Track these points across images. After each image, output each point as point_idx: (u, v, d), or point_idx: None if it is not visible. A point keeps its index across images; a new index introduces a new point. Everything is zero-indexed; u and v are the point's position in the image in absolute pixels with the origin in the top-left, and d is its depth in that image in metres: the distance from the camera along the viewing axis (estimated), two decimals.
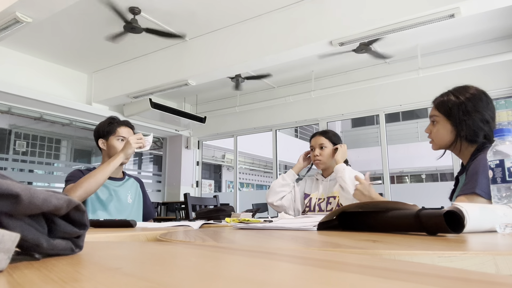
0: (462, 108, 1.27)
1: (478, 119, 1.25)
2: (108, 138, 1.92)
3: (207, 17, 3.82)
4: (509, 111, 4.73)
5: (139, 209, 2.01)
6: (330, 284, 0.26)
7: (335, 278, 0.28)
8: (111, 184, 1.91)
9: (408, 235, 0.72)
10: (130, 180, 2.03)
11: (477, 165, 1.17)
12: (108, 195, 1.87)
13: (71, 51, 4.50)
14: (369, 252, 0.48)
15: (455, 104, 1.29)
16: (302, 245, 0.62)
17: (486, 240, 0.65)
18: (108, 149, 1.92)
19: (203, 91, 5.82)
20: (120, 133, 1.93)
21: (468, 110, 1.26)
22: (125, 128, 1.95)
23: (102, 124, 1.96)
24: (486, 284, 0.25)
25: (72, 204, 0.39)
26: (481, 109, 1.26)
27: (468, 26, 3.85)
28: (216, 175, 12.71)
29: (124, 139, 1.92)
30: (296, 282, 0.27)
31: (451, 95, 1.33)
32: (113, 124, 1.94)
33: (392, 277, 0.28)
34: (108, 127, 1.93)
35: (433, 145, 1.37)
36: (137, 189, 2.04)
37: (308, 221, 1.08)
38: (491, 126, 1.26)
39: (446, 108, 1.31)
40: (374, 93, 4.82)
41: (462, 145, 1.29)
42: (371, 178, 1.62)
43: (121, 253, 0.48)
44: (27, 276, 0.29)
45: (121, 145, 1.88)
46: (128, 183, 2.01)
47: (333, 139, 2.08)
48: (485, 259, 0.44)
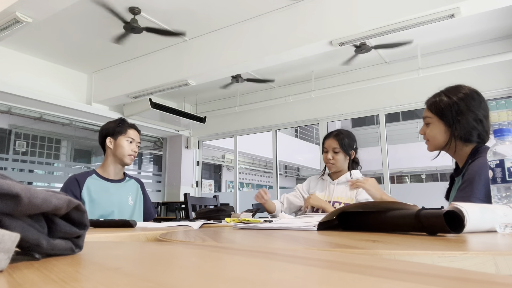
0: (454, 108, 1.27)
1: (471, 118, 1.25)
2: (118, 137, 1.94)
3: (207, 17, 3.82)
4: (509, 111, 4.73)
5: (140, 211, 2.02)
6: (330, 284, 0.26)
7: (335, 278, 0.28)
8: (112, 186, 1.91)
9: (408, 235, 0.72)
10: (130, 182, 2.04)
11: (474, 171, 1.16)
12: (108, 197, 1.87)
13: (71, 51, 4.50)
14: (370, 252, 0.48)
15: (448, 104, 1.28)
16: (303, 245, 0.62)
17: (486, 240, 0.65)
18: (115, 148, 1.94)
19: (203, 91, 5.82)
20: (130, 134, 1.97)
21: (461, 110, 1.26)
22: (134, 131, 2.00)
23: (112, 123, 1.99)
24: (486, 284, 0.25)
25: (72, 204, 0.39)
26: (474, 108, 1.26)
27: (468, 26, 3.84)
28: (216, 175, 12.70)
29: (132, 141, 1.96)
30: (296, 282, 0.27)
31: (443, 95, 1.32)
32: (124, 125, 1.98)
33: (392, 277, 0.28)
34: (119, 127, 1.96)
35: (429, 146, 1.37)
36: (138, 191, 2.04)
37: (308, 221, 1.08)
38: (484, 125, 1.26)
39: (438, 109, 1.30)
40: (374, 93, 4.82)
41: (457, 145, 1.28)
42: None
43: (121, 253, 0.48)
44: (27, 276, 0.29)
45: (129, 147, 1.94)
46: (128, 185, 2.01)
47: (346, 142, 1.99)
48: (485, 259, 0.44)
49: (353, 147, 2.03)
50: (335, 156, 1.98)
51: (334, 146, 1.98)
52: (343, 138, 1.99)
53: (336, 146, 1.98)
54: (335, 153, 1.98)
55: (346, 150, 1.98)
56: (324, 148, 2.04)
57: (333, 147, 1.98)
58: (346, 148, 1.98)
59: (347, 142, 2.00)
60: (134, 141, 1.99)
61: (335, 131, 2.07)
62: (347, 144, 2.00)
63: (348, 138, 2.01)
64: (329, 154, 1.99)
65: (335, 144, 1.98)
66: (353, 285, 0.25)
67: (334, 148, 1.98)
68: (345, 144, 1.99)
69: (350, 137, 2.04)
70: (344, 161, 2.01)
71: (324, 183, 2.07)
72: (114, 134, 1.95)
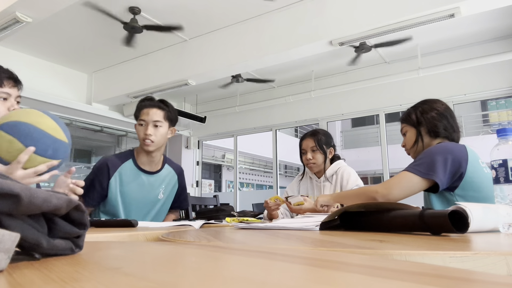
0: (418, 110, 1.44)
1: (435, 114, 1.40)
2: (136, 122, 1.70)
3: (207, 17, 3.82)
4: (509, 111, 4.72)
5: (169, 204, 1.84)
6: (331, 284, 0.25)
7: (340, 279, 0.28)
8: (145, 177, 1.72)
9: (412, 235, 0.72)
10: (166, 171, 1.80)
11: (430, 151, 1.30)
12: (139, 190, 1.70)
13: (71, 51, 4.50)
14: (379, 253, 0.48)
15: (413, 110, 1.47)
16: (309, 245, 0.61)
17: (491, 240, 0.64)
18: None
19: (203, 91, 5.82)
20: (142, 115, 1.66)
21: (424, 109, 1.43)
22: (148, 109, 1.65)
23: None
24: (487, 284, 0.25)
25: (72, 204, 0.39)
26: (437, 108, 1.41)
27: (468, 26, 3.84)
28: (216, 175, 12.72)
29: (144, 123, 1.65)
30: (296, 282, 0.27)
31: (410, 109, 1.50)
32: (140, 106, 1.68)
33: (392, 277, 0.28)
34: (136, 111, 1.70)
35: (411, 154, 1.48)
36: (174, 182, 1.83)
37: (310, 221, 1.07)
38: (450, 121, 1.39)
39: (407, 117, 1.48)
40: (374, 93, 4.82)
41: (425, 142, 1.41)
42: None
43: (121, 253, 0.48)
44: (27, 276, 0.29)
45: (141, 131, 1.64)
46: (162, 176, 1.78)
47: (323, 140, 1.99)
48: (496, 259, 0.43)
49: (330, 144, 2.04)
50: (314, 155, 1.98)
51: (311, 145, 1.99)
52: (320, 137, 2.00)
53: (313, 145, 1.98)
54: (313, 151, 1.98)
55: (324, 148, 1.99)
56: (302, 149, 2.03)
57: (310, 147, 1.99)
58: (323, 146, 1.99)
59: (324, 140, 2.00)
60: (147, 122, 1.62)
61: (310, 131, 2.08)
62: (325, 142, 2.00)
63: (325, 136, 2.02)
64: (308, 154, 1.99)
65: (312, 143, 1.98)
66: (354, 286, 0.25)
67: (311, 147, 1.98)
68: (322, 141, 1.99)
69: (327, 135, 2.05)
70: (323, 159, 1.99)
71: (312, 182, 2.05)
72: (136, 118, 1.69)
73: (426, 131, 1.41)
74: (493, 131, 4.76)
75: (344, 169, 1.98)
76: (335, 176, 1.98)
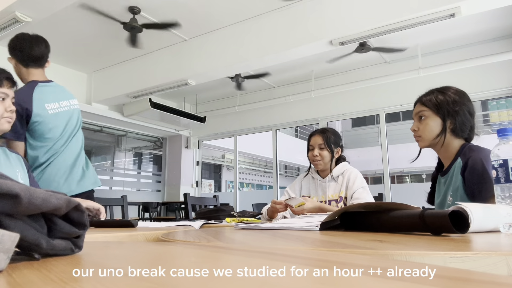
0: (450, 100, 1.31)
1: (466, 111, 1.30)
2: None
3: (207, 17, 3.82)
4: (509, 110, 4.73)
5: None
6: (331, 284, 0.25)
7: (342, 280, 0.28)
8: None
9: (413, 235, 0.72)
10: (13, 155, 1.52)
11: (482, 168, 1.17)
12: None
13: (70, 51, 4.50)
14: (380, 253, 0.48)
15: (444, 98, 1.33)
16: (309, 245, 0.61)
17: (492, 240, 0.64)
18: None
19: (203, 91, 5.82)
20: None
21: (456, 102, 1.31)
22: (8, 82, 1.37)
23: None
24: (487, 284, 0.25)
25: (71, 204, 0.39)
26: (467, 102, 1.32)
27: (469, 26, 3.84)
28: (216, 175, 12.71)
29: (5, 97, 1.35)
30: (296, 282, 0.27)
31: (436, 92, 1.37)
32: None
33: (392, 277, 0.28)
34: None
35: (421, 142, 1.37)
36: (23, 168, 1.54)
37: (310, 221, 1.07)
38: (475, 120, 1.32)
39: (434, 103, 1.34)
40: (374, 93, 4.82)
41: (447, 139, 1.31)
42: None
43: (121, 253, 0.48)
44: (26, 276, 0.29)
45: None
46: None
47: (331, 139, 2.00)
48: (497, 260, 0.43)
49: (339, 144, 2.04)
50: (321, 152, 1.98)
51: (319, 142, 1.99)
52: (329, 135, 2.01)
53: (321, 142, 1.98)
54: (321, 149, 1.98)
55: (332, 146, 1.99)
56: (310, 146, 2.04)
57: (318, 144, 1.99)
58: (331, 145, 1.99)
59: (333, 139, 2.00)
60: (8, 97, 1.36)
61: (320, 128, 2.09)
62: (333, 141, 2.00)
63: (334, 136, 2.03)
64: (315, 151, 1.99)
65: (321, 141, 1.98)
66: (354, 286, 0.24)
67: (319, 144, 1.99)
68: (331, 140, 1.99)
69: (336, 135, 2.05)
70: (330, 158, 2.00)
71: (315, 182, 2.05)
72: None
73: (453, 127, 1.29)
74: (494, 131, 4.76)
75: (351, 171, 1.98)
76: (341, 177, 1.98)
